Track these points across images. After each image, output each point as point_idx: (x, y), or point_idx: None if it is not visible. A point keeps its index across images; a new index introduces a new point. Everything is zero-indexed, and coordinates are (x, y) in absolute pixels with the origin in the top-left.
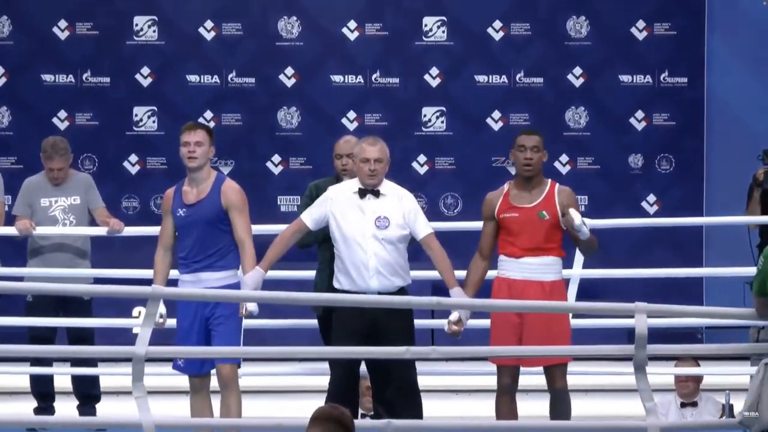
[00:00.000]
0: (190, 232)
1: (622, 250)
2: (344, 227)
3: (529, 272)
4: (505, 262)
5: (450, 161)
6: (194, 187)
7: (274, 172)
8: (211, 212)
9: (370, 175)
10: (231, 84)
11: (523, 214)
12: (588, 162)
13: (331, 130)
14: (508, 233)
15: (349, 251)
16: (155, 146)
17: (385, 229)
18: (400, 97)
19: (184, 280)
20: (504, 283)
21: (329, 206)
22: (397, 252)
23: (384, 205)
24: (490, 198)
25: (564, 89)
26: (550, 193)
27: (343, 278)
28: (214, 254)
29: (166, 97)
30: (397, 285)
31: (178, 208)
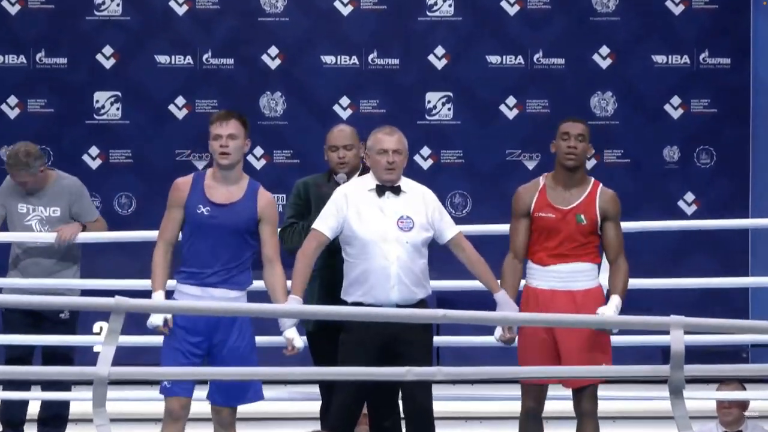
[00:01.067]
0: (210, 236)
1: (655, 257)
2: (362, 231)
3: (556, 281)
4: (533, 269)
5: (457, 154)
6: (224, 185)
7: (255, 167)
8: (244, 219)
9: (389, 169)
10: (206, 66)
11: (560, 215)
12: (616, 155)
13: (322, 119)
14: (539, 235)
15: (366, 258)
16: (119, 137)
17: (409, 230)
18: (401, 81)
19: (186, 292)
20: (531, 294)
21: (345, 209)
22: (421, 258)
23: (406, 204)
24: (523, 192)
25: (589, 72)
26: (591, 195)
27: (357, 290)
28: (234, 268)
29: (132, 80)
30: (418, 297)
31: (198, 204)
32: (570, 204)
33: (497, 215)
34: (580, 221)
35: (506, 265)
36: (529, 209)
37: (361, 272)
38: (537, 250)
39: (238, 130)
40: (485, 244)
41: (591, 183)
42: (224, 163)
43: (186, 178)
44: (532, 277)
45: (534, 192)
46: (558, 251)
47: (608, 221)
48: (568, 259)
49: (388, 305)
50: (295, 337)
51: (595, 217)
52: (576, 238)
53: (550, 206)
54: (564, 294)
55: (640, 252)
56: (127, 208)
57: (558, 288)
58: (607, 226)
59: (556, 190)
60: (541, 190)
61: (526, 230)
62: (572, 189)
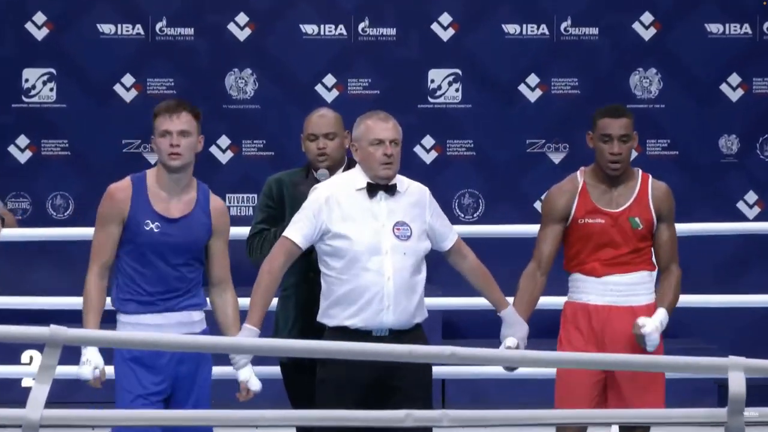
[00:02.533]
0: (165, 255)
1: (708, 268)
2: (351, 240)
3: (614, 295)
4: (582, 282)
5: (467, 145)
6: (173, 193)
7: (220, 160)
8: (201, 233)
9: (386, 164)
10: (160, 37)
11: (611, 220)
12: (661, 146)
13: (301, 102)
14: (586, 244)
15: (356, 273)
16: (54, 124)
17: (408, 239)
18: (398, 56)
19: (145, 323)
20: (582, 311)
21: (325, 213)
22: (420, 272)
23: (403, 206)
24: (559, 194)
25: (628, 44)
26: (642, 192)
27: (342, 311)
28: (193, 288)
29: (69, 55)
30: (414, 321)
31: (145, 218)
32: (620, 205)
33: (514, 219)
34: (636, 226)
35: (525, 277)
36: (567, 214)
37: (348, 291)
38: (585, 260)
39: (190, 124)
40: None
41: (639, 176)
42: (175, 165)
43: (123, 185)
44: (580, 290)
45: (573, 193)
46: (612, 260)
47: (662, 222)
48: (625, 268)
49: (379, 331)
50: (250, 379)
51: (651, 217)
52: (631, 245)
53: (597, 210)
54: (624, 311)
55: (689, 263)
56: (63, 210)
57: (617, 303)
58: (662, 228)
59: (600, 188)
60: (582, 191)
61: (556, 238)
62: (619, 186)
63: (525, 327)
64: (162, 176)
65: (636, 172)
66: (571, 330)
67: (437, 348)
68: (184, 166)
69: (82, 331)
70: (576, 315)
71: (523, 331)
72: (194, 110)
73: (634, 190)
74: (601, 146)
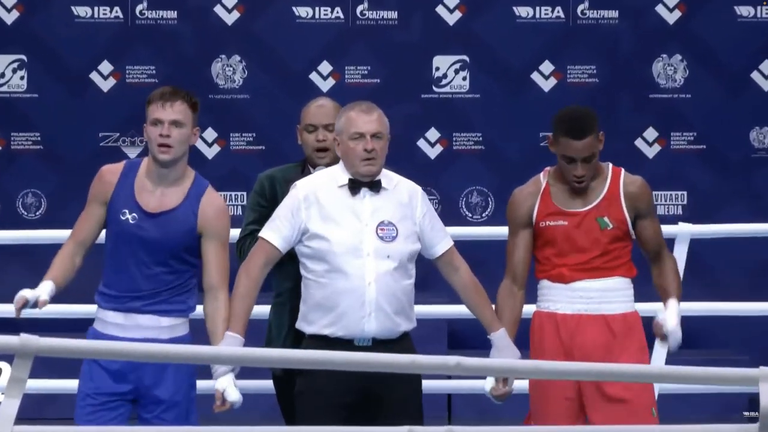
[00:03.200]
0: (137, 250)
1: (738, 273)
2: (330, 241)
3: (585, 302)
4: (549, 289)
5: (476, 138)
6: (159, 186)
7: (206, 155)
8: (181, 233)
9: (368, 160)
10: (141, 21)
11: (574, 221)
12: (687, 139)
13: (295, 92)
14: (551, 248)
15: (335, 277)
16: (24, 116)
17: (392, 241)
18: (400, 41)
19: (109, 321)
20: (549, 321)
21: (304, 212)
22: (407, 278)
23: (388, 205)
24: (520, 196)
25: (650, 28)
26: (613, 188)
27: (321, 318)
28: (166, 291)
29: (41, 40)
30: (400, 330)
31: (124, 207)
32: (587, 204)
33: None
34: (605, 226)
35: (501, 294)
36: (530, 218)
37: (326, 295)
38: (551, 265)
39: (185, 115)
40: None
41: (609, 172)
42: (165, 159)
43: (115, 167)
44: (547, 298)
45: (535, 195)
46: (581, 264)
47: (643, 219)
48: (596, 273)
49: (361, 340)
50: (228, 388)
51: (623, 217)
52: (600, 247)
53: (559, 211)
54: (595, 320)
55: (717, 266)
56: (35, 209)
57: (587, 311)
58: (643, 225)
59: (563, 188)
60: (543, 193)
61: (526, 246)
62: None
63: (516, 353)
64: (151, 167)
65: (605, 167)
66: (536, 342)
67: (442, 358)
68: (175, 160)
69: (56, 341)
70: (542, 326)
71: (514, 356)
72: (191, 99)
73: (603, 188)
74: (564, 164)
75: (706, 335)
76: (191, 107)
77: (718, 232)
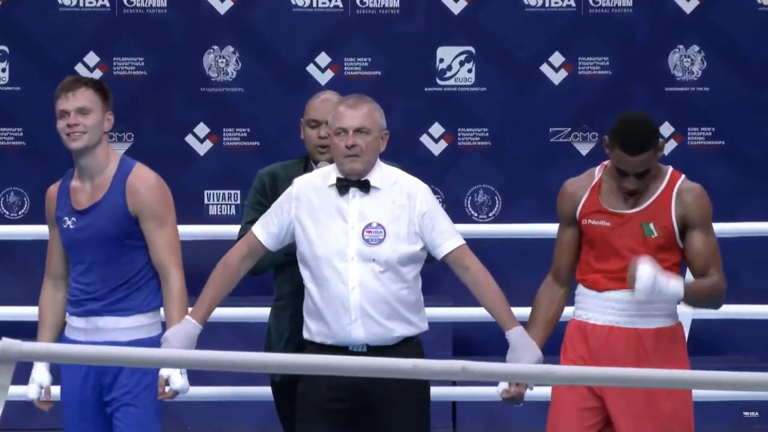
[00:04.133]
0: (83, 253)
1: (760, 275)
2: (313, 243)
3: (617, 313)
4: (583, 296)
5: (482, 134)
6: (87, 180)
7: (198, 152)
8: (112, 220)
9: (350, 156)
10: (128, 10)
11: (617, 223)
12: (705, 135)
13: (291, 85)
14: (591, 250)
15: (321, 282)
16: (6, 110)
17: (378, 243)
18: (402, 32)
19: (73, 326)
20: (579, 331)
21: (294, 210)
22: (400, 281)
23: (378, 206)
24: (571, 188)
25: (666, 18)
26: (665, 194)
27: (315, 324)
28: (119, 288)
29: (24, 31)
30: (397, 335)
31: (64, 215)
32: (635, 207)
33: (535, 218)
34: (649, 233)
35: (540, 290)
36: (574, 213)
37: (315, 302)
38: (590, 272)
39: (91, 100)
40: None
41: (667, 176)
42: (77, 147)
43: (56, 184)
44: (580, 306)
45: (584, 189)
46: (619, 273)
47: (693, 230)
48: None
49: (355, 347)
50: (172, 375)
51: (670, 225)
52: (643, 255)
53: (603, 210)
54: (625, 333)
55: (737, 269)
56: (17, 208)
57: (618, 324)
58: (692, 237)
59: (615, 186)
60: (594, 188)
61: (572, 242)
62: None
63: (535, 352)
64: (75, 164)
65: (664, 170)
66: (566, 351)
67: (446, 362)
68: (89, 147)
69: (39, 345)
70: (574, 335)
71: (531, 357)
72: (96, 84)
73: (656, 192)
74: (617, 173)
75: (726, 341)
76: (98, 92)
77: (738, 231)
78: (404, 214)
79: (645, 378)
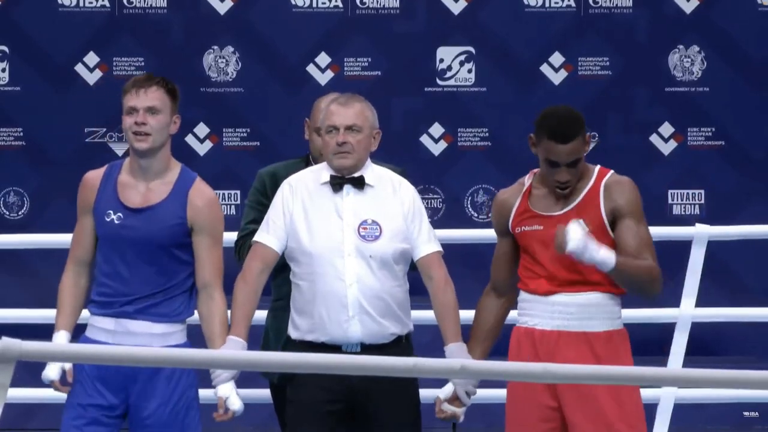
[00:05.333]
0: (125, 251)
1: (759, 277)
2: (308, 240)
3: (564, 317)
4: (527, 302)
5: (482, 134)
6: (142, 179)
7: (197, 152)
8: (167, 227)
9: (341, 154)
10: (128, 10)
11: (549, 225)
12: (705, 135)
13: (291, 85)
14: (528, 256)
15: (314, 279)
16: (6, 110)
17: (375, 240)
18: (402, 32)
19: (98, 326)
20: (527, 338)
21: (290, 209)
22: (393, 279)
23: (372, 202)
24: (502, 199)
25: (666, 18)
26: (593, 190)
27: (304, 322)
28: (160, 293)
29: (23, 31)
30: (390, 333)
31: (108, 208)
32: (564, 207)
33: None
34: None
35: (480, 302)
36: (507, 224)
37: (308, 299)
38: (529, 276)
39: (162, 101)
40: None
41: (594, 173)
42: (141, 148)
43: (97, 171)
44: (525, 312)
45: (515, 198)
46: (559, 275)
47: (622, 220)
48: (577, 287)
49: (348, 346)
50: (231, 397)
51: (600, 219)
52: None
53: (534, 215)
54: (576, 338)
55: (737, 270)
56: (17, 209)
57: (567, 328)
58: (621, 227)
59: (544, 191)
60: (524, 195)
61: (508, 253)
62: None
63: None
64: (132, 162)
65: (592, 169)
66: (513, 360)
67: (445, 361)
68: (153, 149)
69: (40, 345)
70: (520, 343)
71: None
72: (168, 85)
73: (584, 189)
74: (546, 168)
75: (726, 342)
76: (168, 93)
77: (738, 233)
78: (396, 211)
79: (646, 376)
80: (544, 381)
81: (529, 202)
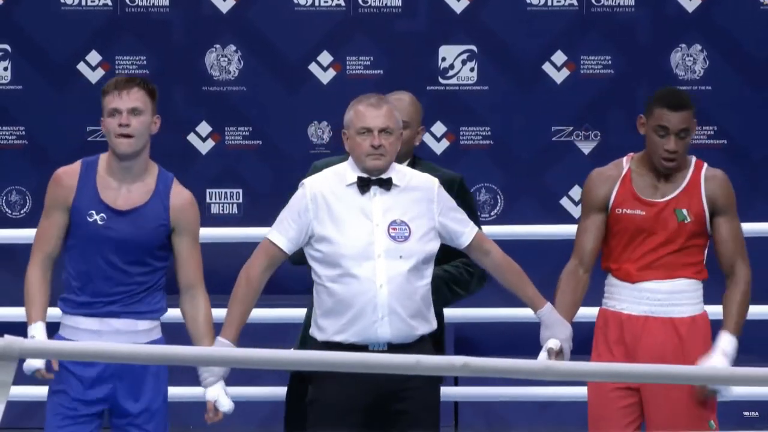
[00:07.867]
0: (107, 252)
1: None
2: (338, 243)
3: (650, 304)
4: (615, 287)
5: (484, 132)
6: (123, 182)
7: (200, 150)
8: (153, 229)
9: (375, 155)
10: (130, 8)
11: (653, 211)
12: (707, 134)
13: (293, 83)
14: (622, 240)
15: (345, 281)
16: (8, 109)
17: (405, 240)
18: (404, 30)
19: (80, 327)
20: (614, 320)
21: (311, 212)
22: (422, 279)
23: (401, 203)
24: (598, 178)
25: (669, 17)
26: (694, 180)
27: (331, 323)
28: (143, 292)
29: (25, 30)
30: (418, 333)
31: (90, 208)
32: (666, 195)
33: (538, 217)
34: (683, 218)
35: (565, 275)
36: (606, 203)
37: (337, 300)
38: (621, 261)
39: (144, 102)
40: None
41: (692, 164)
42: (125, 151)
43: (71, 168)
44: (613, 297)
45: (615, 179)
46: (652, 263)
47: (719, 215)
48: (667, 273)
49: (375, 345)
50: (219, 398)
51: (701, 210)
52: (677, 243)
53: (638, 199)
54: (662, 323)
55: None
56: (19, 207)
57: (653, 314)
58: (719, 222)
59: (645, 177)
60: (624, 177)
61: (598, 230)
62: (668, 175)
63: (568, 328)
64: (112, 162)
65: (689, 159)
66: (599, 340)
67: (447, 358)
68: (137, 150)
69: (42, 342)
70: (607, 325)
71: (565, 333)
72: (148, 86)
73: (684, 179)
74: (655, 139)
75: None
76: (149, 94)
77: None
78: (424, 212)
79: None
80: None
81: (633, 184)
